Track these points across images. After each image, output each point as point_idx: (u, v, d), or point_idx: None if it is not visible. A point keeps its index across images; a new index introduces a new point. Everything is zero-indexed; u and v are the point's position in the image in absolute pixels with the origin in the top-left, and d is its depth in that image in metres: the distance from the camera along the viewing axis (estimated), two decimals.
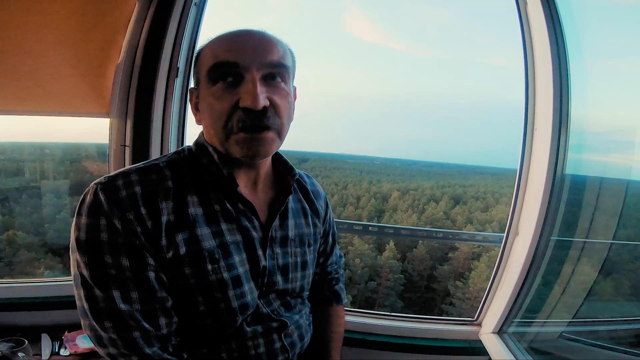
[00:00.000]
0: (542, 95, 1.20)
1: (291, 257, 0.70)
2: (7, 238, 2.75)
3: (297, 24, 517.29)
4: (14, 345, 1.09)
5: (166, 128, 1.32)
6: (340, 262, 0.92)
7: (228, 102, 0.55)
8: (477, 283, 16.48)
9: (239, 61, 0.55)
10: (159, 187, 0.57)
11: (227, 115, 0.55)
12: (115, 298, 0.52)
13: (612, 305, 1.54)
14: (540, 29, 1.16)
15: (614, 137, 1.36)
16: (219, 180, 0.62)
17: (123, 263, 0.53)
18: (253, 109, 0.54)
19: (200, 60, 0.60)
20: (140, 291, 0.54)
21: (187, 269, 0.57)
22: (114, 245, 0.53)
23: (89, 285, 0.53)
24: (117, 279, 0.53)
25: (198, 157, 0.63)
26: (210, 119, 0.58)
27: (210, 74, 0.57)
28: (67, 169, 2.32)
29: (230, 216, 0.62)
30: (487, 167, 71.93)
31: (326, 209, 0.83)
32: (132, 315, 0.53)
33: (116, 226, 0.52)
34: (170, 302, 0.57)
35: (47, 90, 1.22)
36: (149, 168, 0.59)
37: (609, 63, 1.36)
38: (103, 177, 0.56)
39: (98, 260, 0.52)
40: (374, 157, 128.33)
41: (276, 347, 0.66)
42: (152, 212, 0.55)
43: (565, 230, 1.31)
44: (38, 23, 1.16)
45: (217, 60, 0.56)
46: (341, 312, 0.89)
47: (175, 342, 0.58)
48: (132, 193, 0.55)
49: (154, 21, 1.27)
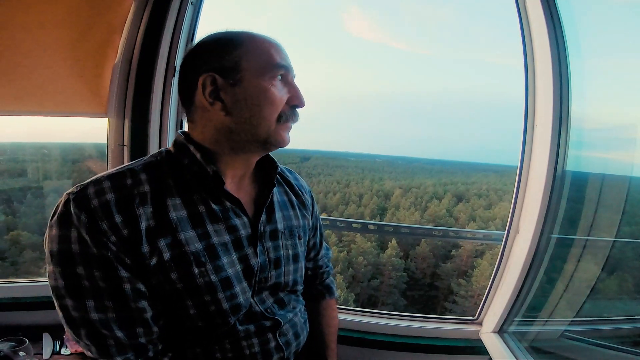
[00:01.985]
0: (542, 92, 1.19)
1: (283, 250, 0.70)
2: (12, 238, 2.77)
3: (297, 23, 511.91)
4: (15, 345, 1.09)
5: (164, 127, 1.31)
6: (328, 255, 0.93)
7: (284, 97, 0.62)
8: (479, 281, 16.44)
9: (290, 67, 0.64)
10: (134, 192, 0.56)
11: (282, 106, 0.62)
12: (88, 307, 0.52)
13: (615, 304, 1.52)
14: (539, 26, 1.15)
15: (615, 134, 1.34)
16: (203, 179, 0.61)
17: (95, 274, 0.53)
18: (300, 107, 0.65)
19: (250, 53, 0.60)
20: (114, 301, 0.54)
21: (173, 274, 0.56)
22: (85, 257, 0.52)
23: (61, 295, 0.53)
24: (90, 289, 0.53)
25: (178, 157, 0.62)
26: (264, 108, 0.61)
27: (274, 69, 0.61)
28: (70, 168, 2.33)
29: (216, 216, 0.61)
30: (490, 165, 71.66)
31: (312, 203, 0.84)
32: (106, 324, 0.53)
33: (87, 237, 0.52)
34: (149, 314, 0.56)
35: (45, 91, 1.22)
36: (122, 173, 0.58)
37: (610, 59, 1.34)
38: (75, 187, 0.55)
39: (71, 272, 0.52)
40: (375, 155, 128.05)
41: (271, 346, 0.66)
42: (129, 219, 0.54)
43: (567, 227, 1.29)
44: (35, 23, 1.16)
45: (280, 61, 0.62)
46: (333, 305, 0.90)
47: (153, 352, 0.58)
48: (105, 201, 0.54)
49: (151, 20, 1.26)
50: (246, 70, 0.60)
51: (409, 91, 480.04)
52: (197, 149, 0.61)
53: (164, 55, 1.28)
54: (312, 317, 0.83)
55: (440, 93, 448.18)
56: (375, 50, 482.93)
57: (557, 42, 1.13)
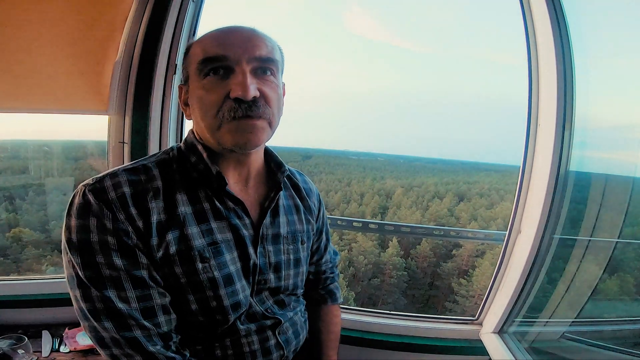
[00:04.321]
0: (545, 92, 1.17)
1: (283, 255, 0.70)
2: (14, 235, 2.78)
3: (298, 22, 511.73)
4: (14, 342, 1.09)
5: (164, 125, 1.31)
6: (335, 261, 0.91)
7: (219, 93, 0.56)
8: (481, 281, 16.42)
9: (229, 55, 0.56)
10: (148, 187, 0.57)
11: (218, 105, 0.56)
12: (112, 297, 0.52)
13: (616, 305, 1.51)
14: (544, 25, 1.14)
15: (619, 134, 1.33)
16: (208, 178, 0.61)
17: (116, 262, 0.53)
18: (244, 99, 0.55)
19: (190, 57, 0.61)
20: (136, 290, 0.54)
21: (178, 268, 0.57)
22: (105, 245, 0.53)
23: (85, 285, 0.53)
24: (111, 279, 0.53)
25: (187, 155, 0.63)
26: (200, 111, 0.58)
27: (200, 67, 0.57)
28: (72, 166, 2.33)
29: (220, 214, 0.62)
30: (492, 164, 71.42)
31: (319, 207, 0.83)
32: (131, 314, 0.53)
33: (107, 226, 0.53)
34: (168, 299, 0.57)
35: (45, 88, 1.22)
36: (137, 168, 0.59)
37: (616, 59, 1.33)
38: (90, 179, 0.56)
39: (91, 261, 0.52)
40: (377, 153, 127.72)
41: (270, 344, 0.66)
42: (142, 211, 0.55)
43: (570, 228, 1.28)
44: (36, 21, 1.16)
45: (207, 54, 0.57)
46: (337, 311, 0.88)
47: (176, 339, 0.58)
48: (122, 194, 0.55)
49: (152, 18, 1.26)
50: (190, 75, 0.61)
51: (411, 90, 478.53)
52: (205, 148, 0.62)
53: (165, 53, 1.27)
54: (313, 321, 0.82)
55: (443, 92, 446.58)
56: (377, 48, 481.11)
57: (561, 41, 1.11)
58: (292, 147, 60.06)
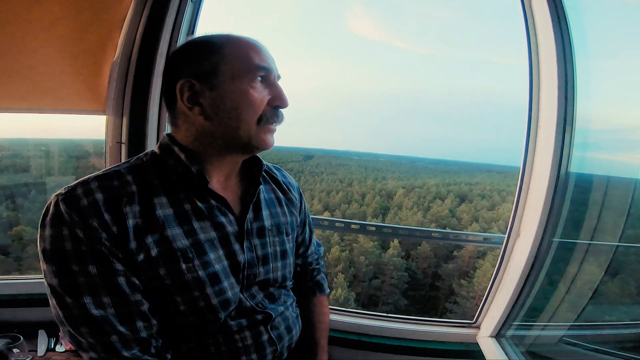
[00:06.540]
0: (546, 93, 1.16)
1: (270, 247, 0.71)
2: (16, 234, 2.79)
3: (299, 21, 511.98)
4: (9, 342, 1.10)
5: (162, 125, 1.31)
6: (319, 252, 0.93)
7: (263, 97, 0.62)
8: (481, 282, 16.38)
9: (273, 68, 0.64)
10: (122, 192, 0.58)
11: (262, 107, 0.62)
12: (87, 304, 0.53)
13: (617, 309, 1.50)
14: (545, 25, 1.13)
15: (621, 136, 1.32)
16: (188, 179, 0.62)
17: (90, 270, 0.53)
18: (283, 107, 0.64)
19: (227, 56, 0.61)
20: (112, 296, 0.54)
21: (162, 270, 0.57)
22: (79, 254, 0.53)
23: (59, 293, 0.54)
24: (87, 286, 0.53)
25: (163, 159, 0.64)
26: (245, 109, 0.61)
27: (255, 72, 0.61)
28: (73, 165, 2.34)
29: (202, 214, 0.62)
30: (494, 165, 71.17)
31: (300, 199, 0.85)
32: (107, 320, 0.54)
33: (79, 235, 0.53)
34: (145, 306, 0.58)
35: (43, 88, 1.22)
36: (109, 175, 0.59)
37: (617, 60, 1.32)
38: (63, 188, 0.57)
39: (66, 269, 0.53)
40: (379, 154, 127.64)
41: (263, 339, 0.68)
42: (117, 217, 0.55)
43: (570, 230, 1.27)
44: (34, 21, 1.16)
45: (259, 62, 0.62)
46: (325, 302, 0.91)
47: (156, 344, 0.59)
48: (94, 200, 0.55)
49: (150, 18, 1.25)
50: (224, 73, 0.60)
51: (413, 90, 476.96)
52: (182, 150, 0.63)
53: (163, 53, 1.27)
54: (303, 313, 0.84)
55: (444, 93, 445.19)
56: (379, 49, 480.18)
57: (562, 42, 1.10)
58: (293, 147, 60.08)
